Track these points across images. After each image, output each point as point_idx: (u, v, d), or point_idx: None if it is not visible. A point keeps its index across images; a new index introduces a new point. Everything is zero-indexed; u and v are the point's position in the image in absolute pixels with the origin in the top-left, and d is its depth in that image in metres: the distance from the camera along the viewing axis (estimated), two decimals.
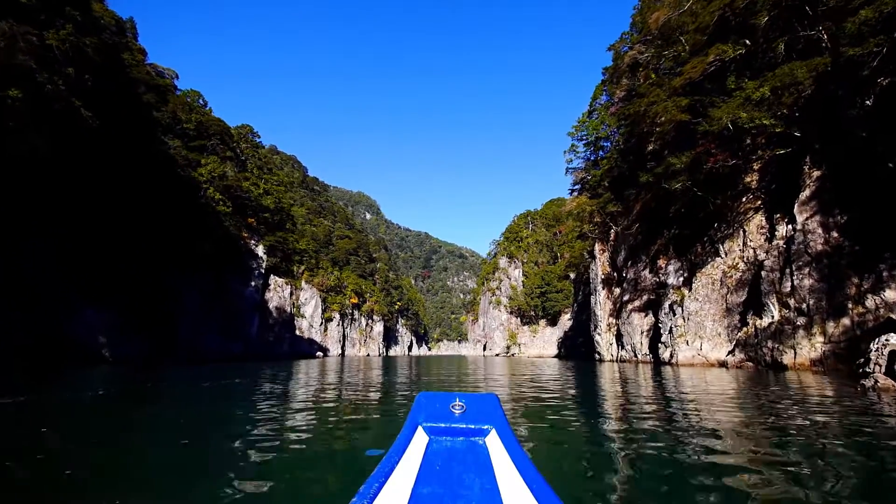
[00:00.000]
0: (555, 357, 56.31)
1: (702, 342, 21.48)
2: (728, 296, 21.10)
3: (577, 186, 41.83)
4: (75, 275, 24.49)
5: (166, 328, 33.98)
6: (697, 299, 22.34)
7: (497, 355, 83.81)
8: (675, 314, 23.50)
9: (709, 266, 22.53)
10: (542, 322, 79.05)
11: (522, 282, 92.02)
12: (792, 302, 17.21)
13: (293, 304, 64.00)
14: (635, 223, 30.30)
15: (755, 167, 21.32)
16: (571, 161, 39.56)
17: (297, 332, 65.42)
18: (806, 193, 18.15)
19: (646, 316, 28.13)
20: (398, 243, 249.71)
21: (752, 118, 17.05)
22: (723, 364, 19.83)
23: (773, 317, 17.81)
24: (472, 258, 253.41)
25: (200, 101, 50.42)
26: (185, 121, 45.18)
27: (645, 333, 27.81)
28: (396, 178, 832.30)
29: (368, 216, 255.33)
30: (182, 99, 46.92)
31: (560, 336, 67.02)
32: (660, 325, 25.06)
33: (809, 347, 16.18)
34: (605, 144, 36.50)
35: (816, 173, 18.12)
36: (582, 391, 9.82)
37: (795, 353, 16.43)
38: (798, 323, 16.77)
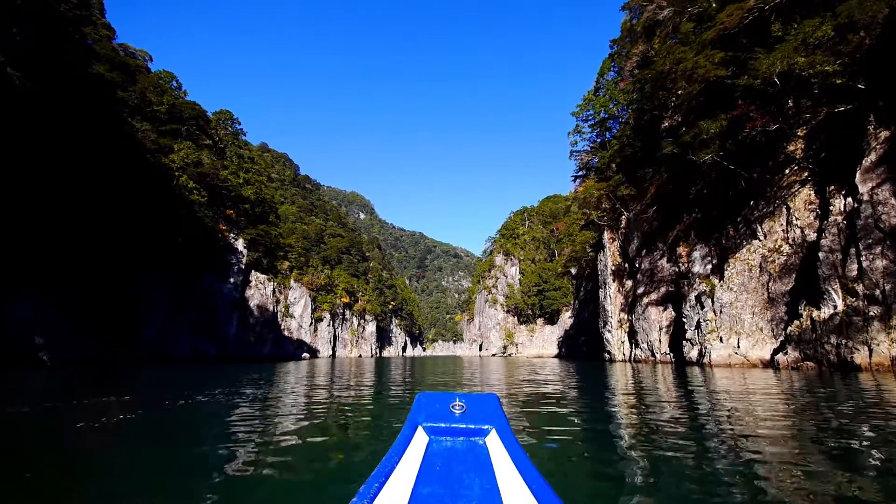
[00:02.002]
0: (555, 357, 53.11)
1: (739, 338, 18.34)
2: (770, 283, 17.98)
3: (581, 172, 38.64)
4: (5, 260, 20.91)
5: (126, 327, 30.39)
6: (732, 289, 19.21)
7: (494, 355, 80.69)
8: (703, 307, 20.37)
9: (744, 250, 19.42)
10: (540, 321, 76.11)
11: (519, 280, 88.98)
12: (860, 288, 14.09)
13: (278, 302, 60.36)
14: (651, 207, 27.17)
15: (799, 133, 18.24)
16: (576, 143, 36.34)
17: (286, 333, 61.72)
18: (871, 158, 15.06)
19: (664, 310, 25.01)
20: (392, 243, 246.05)
21: (811, 63, 13.91)
22: (768, 364, 16.70)
23: (835, 306, 14.69)
24: (466, 258, 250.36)
25: (174, 84, 46.70)
26: (155, 103, 41.51)
27: (664, 330, 24.68)
28: (391, 178, 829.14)
29: (362, 216, 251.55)
30: (153, 79, 43.23)
31: (560, 335, 64.00)
32: (684, 319, 21.94)
33: (889, 343, 13.08)
34: (613, 125, 33.37)
35: (884, 134, 15.04)
36: (608, 403, 6.85)
37: (870, 349, 13.31)
38: (871, 313, 13.66)
